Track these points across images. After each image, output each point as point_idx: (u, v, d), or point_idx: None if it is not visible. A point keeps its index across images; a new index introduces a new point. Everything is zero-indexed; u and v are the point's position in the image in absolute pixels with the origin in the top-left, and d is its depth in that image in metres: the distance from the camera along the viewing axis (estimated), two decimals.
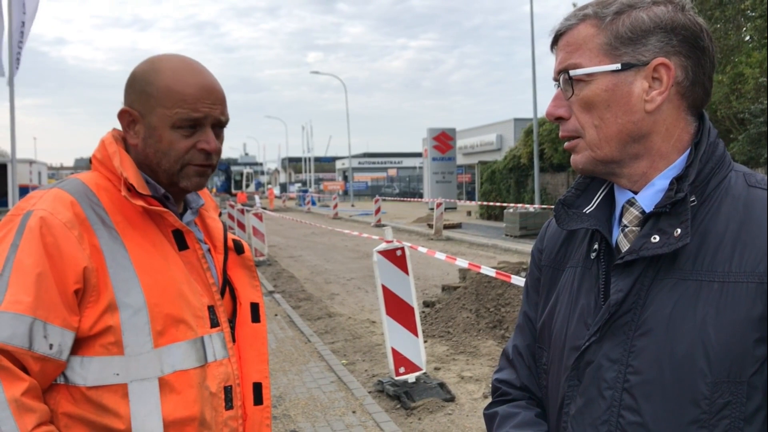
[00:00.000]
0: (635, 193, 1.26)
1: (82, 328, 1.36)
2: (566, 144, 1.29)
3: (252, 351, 1.62)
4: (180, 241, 1.51)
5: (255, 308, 1.65)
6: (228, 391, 1.52)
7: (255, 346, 1.63)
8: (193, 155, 1.48)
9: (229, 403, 1.52)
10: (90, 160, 1.55)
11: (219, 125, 1.52)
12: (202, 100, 1.47)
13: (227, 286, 1.61)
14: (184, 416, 1.42)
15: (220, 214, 1.74)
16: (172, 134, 1.46)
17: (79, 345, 1.37)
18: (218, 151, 1.52)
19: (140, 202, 1.44)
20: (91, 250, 1.37)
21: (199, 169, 1.50)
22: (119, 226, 1.43)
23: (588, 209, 1.31)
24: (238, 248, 1.69)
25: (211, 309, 1.52)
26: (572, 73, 1.22)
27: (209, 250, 1.62)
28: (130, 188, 1.44)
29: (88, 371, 1.36)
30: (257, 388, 1.61)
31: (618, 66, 1.20)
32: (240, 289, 1.64)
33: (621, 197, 1.29)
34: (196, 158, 1.49)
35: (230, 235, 1.69)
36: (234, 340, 1.58)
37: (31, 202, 1.40)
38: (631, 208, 1.26)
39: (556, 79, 1.27)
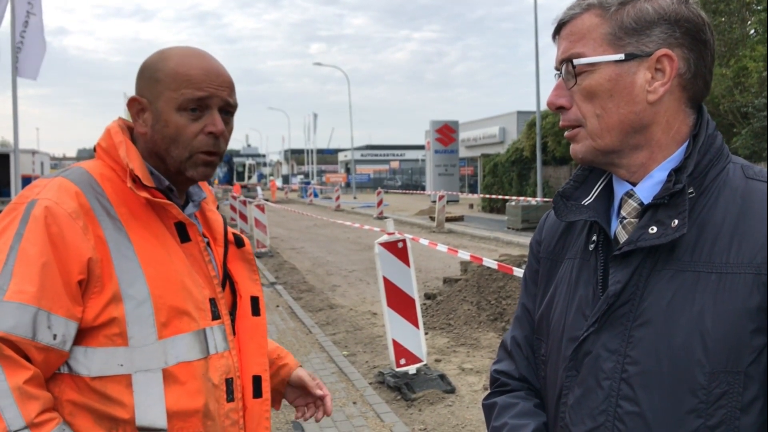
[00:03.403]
0: (633, 184, 1.26)
1: (86, 319, 1.36)
2: (567, 133, 1.29)
3: (252, 344, 1.62)
4: (182, 233, 1.51)
5: (255, 301, 1.65)
6: (229, 383, 1.52)
7: (255, 339, 1.63)
8: (200, 141, 1.48)
9: (230, 395, 1.52)
10: (94, 149, 1.54)
11: (227, 109, 1.52)
12: (207, 81, 1.47)
13: (227, 279, 1.61)
14: (189, 407, 1.42)
15: (218, 207, 1.73)
16: (178, 118, 1.46)
17: (83, 336, 1.37)
18: (225, 137, 1.52)
19: (145, 194, 1.43)
20: (96, 241, 1.37)
21: (206, 158, 1.50)
22: (123, 217, 1.43)
23: (586, 201, 1.32)
24: (238, 242, 1.69)
25: (213, 301, 1.52)
26: (576, 62, 1.22)
27: (209, 243, 1.61)
28: (135, 180, 1.44)
29: (92, 362, 1.37)
30: (257, 380, 1.61)
31: (622, 56, 1.20)
32: (240, 283, 1.64)
33: (619, 189, 1.29)
34: (204, 144, 1.48)
35: (230, 229, 1.69)
36: (234, 333, 1.58)
37: (35, 191, 1.40)
38: (630, 200, 1.26)
39: (558, 69, 1.28)
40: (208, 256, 1.55)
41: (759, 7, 15.75)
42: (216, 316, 1.52)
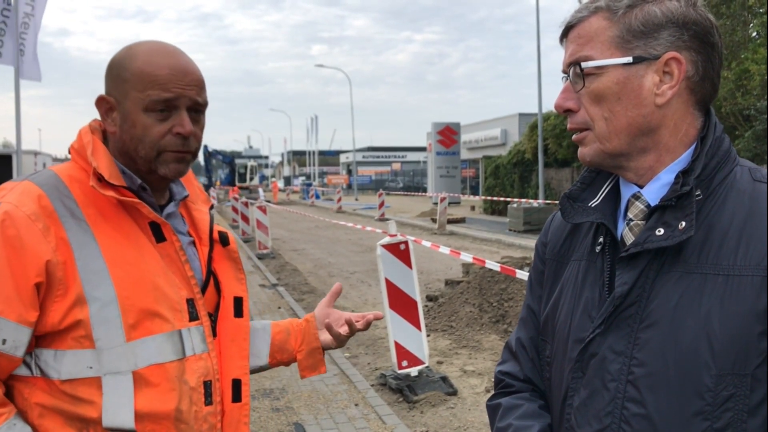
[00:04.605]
0: (641, 187, 1.27)
1: (51, 323, 1.34)
2: (574, 136, 1.29)
3: (233, 347, 1.59)
4: (157, 233, 1.48)
5: (238, 302, 1.62)
6: (207, 385, 1.49)
7: (236, 341, 1.60)
8: (168, 141, 1.45)
9: (208, 399, 1.49)
10: (69, 151, 1.52)
11: (195, 108, 1.49)
12: (174, 81, 1.44)
13: (211, 278, 1.58)
14: (160, 410, 1.40)
15: (212, 207, 1.70)
16: (145, 118, 1.43)
17: (53, 339, 1.35)
18: (196, 136, 1.49)
19: (111, 193, 1.40)
20: (58, 243, 1.34)
21: (177, 155, 1.47)
22: (90, 218, 1.40)
23: (593, 203, 1.32)
24: (224, 240, 1.65)
25: (190, 302, 1.49)
26: (584, 65, 1.23)
27: (194, 242, 1.59)
28: (101, 179, 1.41)
29: (62, 364, 1.35)
30: (236, 384, 1.58)
31: (630, 59, 1.20)
32: (224, 283, 1.61)
33: (626, 191, 1.29)
34: (173, 144, 1.45)
35: (217, 227, 1.66)
36: (215, 335, 1.55)
37: (1, 195, 1.39)
38: (637, 202, 1.26)
39: (566, 72, 1.27)
40: (185, 255, 1.51)
41: (761, 10, 15.75)
42: (194, 317, 1.48)
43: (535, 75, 22.50)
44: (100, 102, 1.49)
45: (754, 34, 16.46)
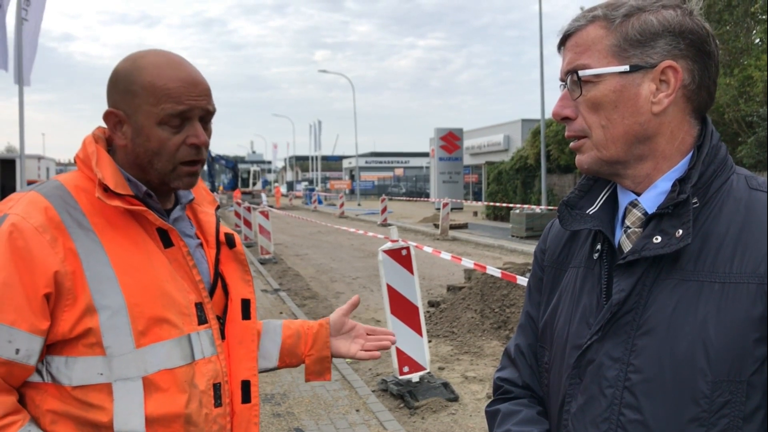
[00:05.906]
0: (638, 194, 1.27)
1: (61, 331, 1.35)
2: (572, 144, 1.30)
3: (241, 348, 1.61)
4: (165, 238, 1.50)
5: (246, 305, 1.64)
6: (217, 388, 1.51)
7: (244, 343, 1.62)
8: (183, 152, 1.47)
9: (218, 401, 1.51)
10: (74, 161, 1.53)
11: (206, 117, 1.51)
12: (186, 93, 1.45)
13: (219, 281, 1.60)
14: (169, 413, 1.41)
15: (218, 208, 1.71)
16: (160, 132, 1.45)
17: (64, 346, 1.37)
18: (206, 144, 1.51)
19: (116, 203, 1.42)
20: (66, 253, 1.36)
21: (190, 168, 1.49)
22: (98, 227, 1.41)
23: (591, 210, 1.33)
24: (230, 242, 1.67)
25: (199, 306, 1.51)
26: (581, 73, 1.23)
27: (201, 244, 1.60)
28: (106, 189, 1.42)
29: (73, 371, 1.37)
30: (245, 385, 1.60)
31: (626, 68, 1.21)
32: (231, 285, 1.63)
33: (624, 199, 1.30)
34: (188, 155, 1.47)
35: (223, 228, 1.67)
36: (224, 337, 1.57)
37: (8, 206, 1.40)
38: (634, 210, 1.27)
39: (563, 80, 1.28)
40: (192, 260, 1.53)
41: (764, 17, 15.77)
42: (202, 320, 1.50)
43: (538, 81, 22.53)
44: (109, 116, 1.50)
45: (757, 40, 16.48)
